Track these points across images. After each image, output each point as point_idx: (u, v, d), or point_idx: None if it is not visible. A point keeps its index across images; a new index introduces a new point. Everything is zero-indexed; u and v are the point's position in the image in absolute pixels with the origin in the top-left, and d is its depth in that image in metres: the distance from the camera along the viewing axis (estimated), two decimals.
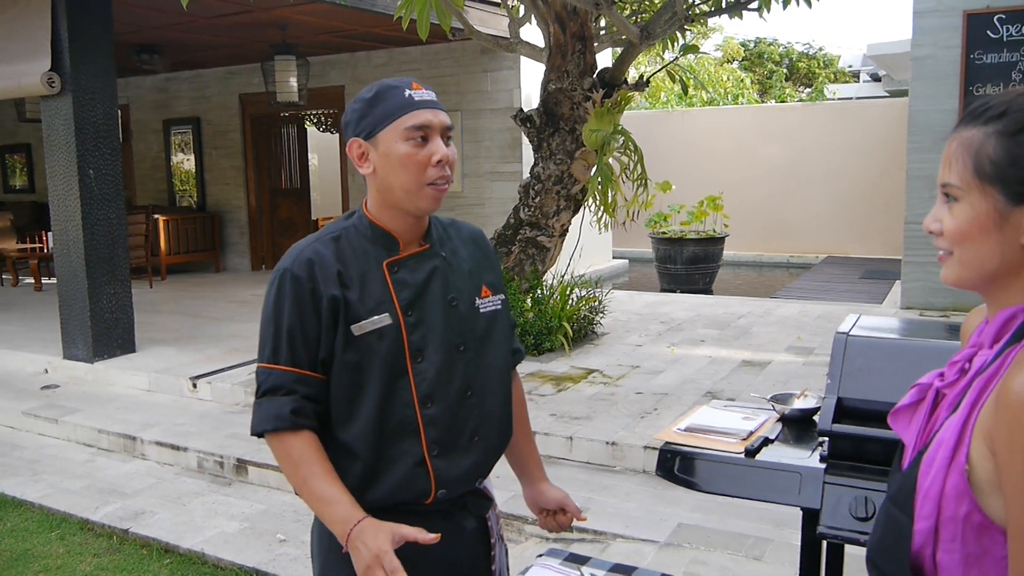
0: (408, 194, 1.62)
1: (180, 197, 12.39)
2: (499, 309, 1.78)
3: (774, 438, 2.21)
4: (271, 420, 1.60)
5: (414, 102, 1.61)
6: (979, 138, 1.09)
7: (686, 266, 11.32)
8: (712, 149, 14.10)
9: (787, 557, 3.50)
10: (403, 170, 1.61)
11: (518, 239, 6.68)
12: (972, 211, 1.09)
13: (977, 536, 1.06)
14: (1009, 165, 1.06)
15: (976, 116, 1.11)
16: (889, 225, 12.16)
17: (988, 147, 1.08)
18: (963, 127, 1.12)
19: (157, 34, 9.13)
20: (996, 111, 1.09)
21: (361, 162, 1.66)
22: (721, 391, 5.41)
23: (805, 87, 26.98)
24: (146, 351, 6.95)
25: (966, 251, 1.12)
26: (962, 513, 1.07)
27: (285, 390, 1.61)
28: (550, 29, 6.29)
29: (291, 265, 1.64)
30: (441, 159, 1.61)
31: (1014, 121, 1.07)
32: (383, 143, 1.61)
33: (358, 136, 1.64)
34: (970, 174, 1.09)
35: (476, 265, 1.78)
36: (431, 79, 9.89)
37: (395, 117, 1.60)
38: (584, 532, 3.86)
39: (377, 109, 1.62)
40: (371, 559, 1.49)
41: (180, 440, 5.13)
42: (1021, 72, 7.23)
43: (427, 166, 1.61)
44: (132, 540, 4.06)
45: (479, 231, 1.88)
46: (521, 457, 1.96)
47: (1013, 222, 1.07)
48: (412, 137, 1.60)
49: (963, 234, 1.11)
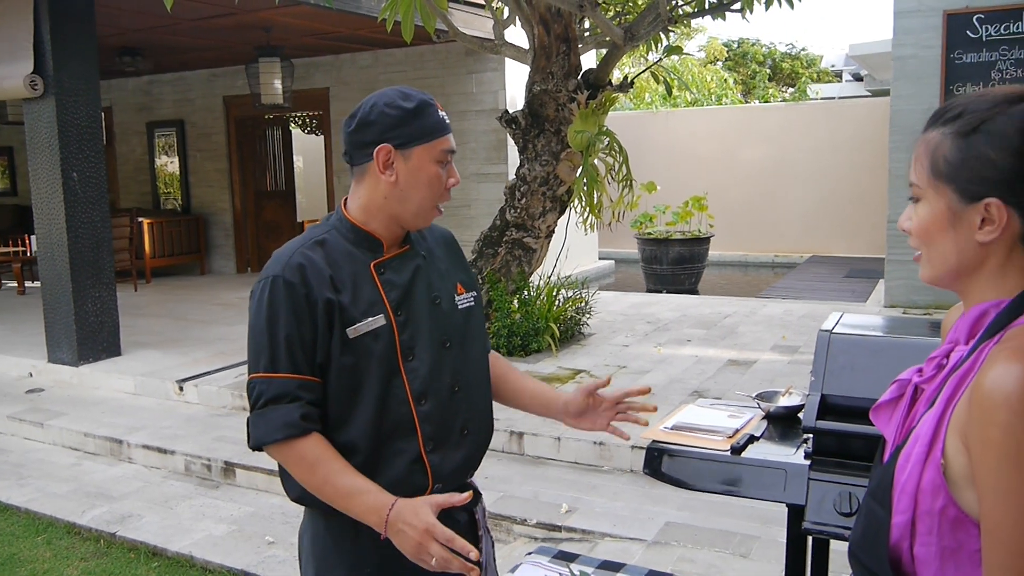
0: (421, 210, 1.68)
1: (164, 200, 12.34)
2: (473, 306, 1.83)
3: (759, 435, 2.24)
4: (281, 429, 1.58)
5: (446, 125, 1.68)
6: (937, 139, 1.13)
7: (672, 266, 11.36)
8: (696, 149, 14.15)
9: (773, 554, 3.53)
10: (428, 189, 1.66)
11: (504, 240, 6.69)
12: (930, 210, 1.14)
13: (952, 530, 1.08)
14: (961, 164, 1.10)
15: (938, 118, 1.15)
16: (873, 224, 12.24)
17: (944, 147, 1.12)
18: (928, 129, 1.16)
19: (140, 36, 9.10)
20: (954, 112, 1.13)
21: (385, 169, 1.65)
22: (707, 390, 5.44)
23: (788, 87, 27.12)
24: (132, 354, 6.93)
25: (930, 249, 1.16)
26: (938, 507, 1.09)
27: (290, 397, 1.60)
28: (534, 31, 6.31)
29: (282, 271, 1.63)
30: (455, 184, 1.69)
31: (967, 122, 1.10)
32: (417, 158, 1.64)
33: (389, 143, 1.64)
34: (928, 174, 1.14)
35: (450, 264, 1.83)
36: (416, 81, 9.89)
37: (434, 137, 1.65)
38: (572, 531, 3.88)
39: (417, 122, 1.64)
40: (420, 535, 1.49)
41: (167, 443, 5.11)
42: (1000, 71, 7.31)
43: (446, 189, 1.68)
44: (119, 544, 4.05)
45: (449, 232, 1.93)
46: (535, 395, 1.96)
47: (966, 220, 1.11)
48: (443, 160, 1.66)
49: (925, 232, 1.15)
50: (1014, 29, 7.25)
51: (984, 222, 1.09)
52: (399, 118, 1.63)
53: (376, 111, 1.64)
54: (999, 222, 1.08)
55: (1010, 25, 7.25)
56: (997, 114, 1.09)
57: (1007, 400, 0.99)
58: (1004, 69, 7.31)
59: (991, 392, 1.01)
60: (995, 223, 1.08)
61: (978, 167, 1.08)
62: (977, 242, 1.10)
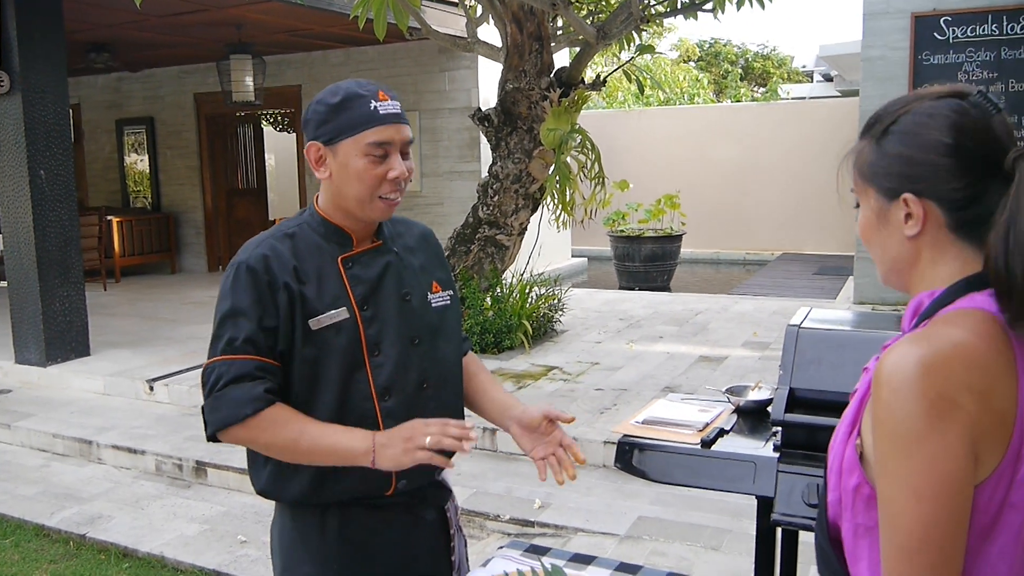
0: (360, 204, 1.64)
1: (134, 198, 12.21)
2: (449, 304, 1.81)
3: (729, 429, 2.26)
4: (250, 403, 1.56)
5: (379, 116, 1.60)
6: (860, 146, 1.21)
7: (644, 264, 11.42)
8: (669, 148, 14.23)
9: (744, 547, 3.57)
10: (358, 183, 1.62)
11: (477, 238, 6.70)
12: (865, 212, 1.21)
13: (866, 507, 1.11)
14: (877, 165, 1.17)
15: (866, 128, 1.22)
16: (842, 222, 12.38)
17: (865, 152, 1.19)
18: (859, 139, 1.23)
19: (109, 32, 8.99)
20: (874, 119, 1.20)
21: (318, 166, 1.66)
22: (679, 386, 5.48)
23: (760, 87, 27.32)
24: (101, 354, 6.86)
25: (873, 252, 1.22)
26: (852, 484, 1.12)
27: (251, 377, 1.59)
28: (507, 29, 6.32)
29: (247, 259, 1.64)
30: (397, 176, 1.62)
31: (882, 125, 1.18)
32: (342, 153, 1.62)
33: (317, 140, 1.64)
34: (857, 179, 1.21)
35: (427, 262, 1.81)
36: (388, 79, 9.87)
37: (358, 130, 1.60)
38: (545, 527, 3.90)
39: (341, 117, 1.61)
40: (409, 430, 1.52)
41: (137, 443, 5.07)
42: (966, 73, 7.42)
43: (382, 181, 1.62)
44: (89, 545, 4.02)
45: (428, 230, 1.91)
46: (496, 402, 1.88)
47: (891, 218, 1.16)
48: (372, 153, 1.60)
49: (864, 235, 1.22)
50: (980, 31, 7.36)
51: (907, 217, 1.14)
52: (324, 114, 1.63)
53: (311, 109, 1.66)
54: (917, 215, 1.13)
55: (976, 27, 7.37)
56: (903, 114, 1.16)
57: (888, 379, 1.03)
58: (970, 71, 7.42)
59: (879, 372, 1.06)
60: (915, 216, 1.13)
61: (890, 165, 1.15)
62: (906, 237, 1.15)
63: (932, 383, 1.01)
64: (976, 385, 1.02)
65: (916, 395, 1.01)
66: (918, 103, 1.15)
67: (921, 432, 1.01)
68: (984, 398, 1.02)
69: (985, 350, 1.05)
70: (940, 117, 1.13)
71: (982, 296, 1.11)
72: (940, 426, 1.01)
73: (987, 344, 1.05)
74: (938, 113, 1.13)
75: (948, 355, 1.03)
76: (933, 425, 1.01)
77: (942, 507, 1.01)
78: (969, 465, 1.02)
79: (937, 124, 1.13)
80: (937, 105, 1.14)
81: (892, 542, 1.04)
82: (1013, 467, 1.05)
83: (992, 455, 1.04)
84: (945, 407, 1.01)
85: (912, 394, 1.02)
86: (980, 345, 1.05)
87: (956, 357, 1.03)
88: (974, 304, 1.10)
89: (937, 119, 1.13)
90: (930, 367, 1.02)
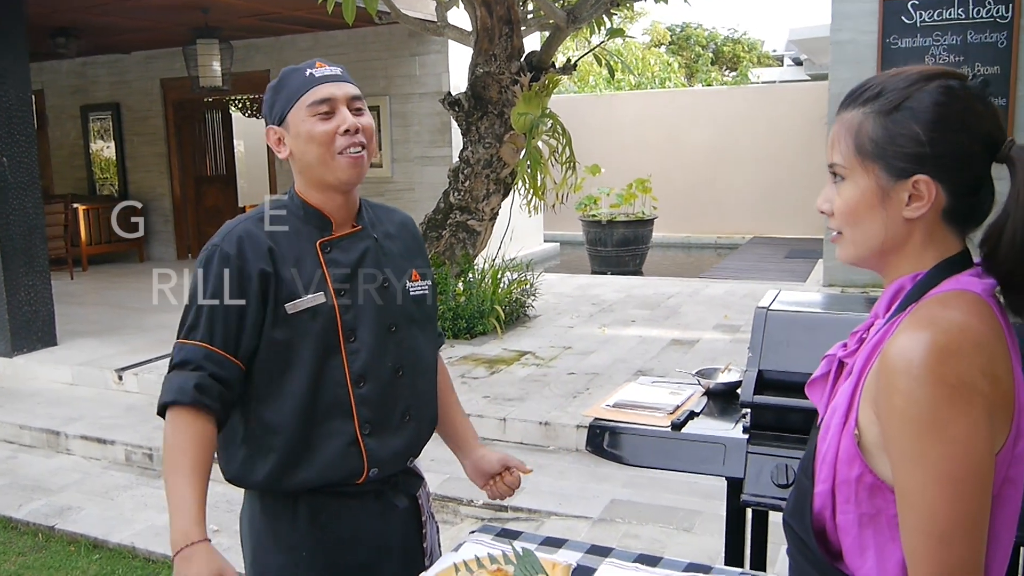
0: (325, 166, 1.63)
1: (101, 185, 12.03)
2: (427, 293, 1.80)
3: (699, 411, 2.28)
4: (173, 392, 1.56)
5: (315, 79, 1.63)
6: (858, 118, 1.14)
7: (616, 248, 11.45)
8: (640, 132, 14.25)
9: (716, 528, 3.60)
10: (314, 145, 1.62)
11: (448, 223, 6.68)
12: (857, 189, 1.14)
13: (870, 496, 1.11)
14: (887, 142, 1.11)
15: (855, 98, 1.16)
16: (812, 206, 12.13)
17: (867, 126, 1.13)
18: (844, 109, 1.17)
19: (73, 16, 8.82)
20: (873, 92, 1.14)
21: (279, 147, 1.67)
22: (651, 369, 5.51)
23: (730, 71, 27.43)
24: (68, 344, 6.77)
25: (856, 229, 1.16)
26: (854, 475, 1.12)
27: (193, 365, 1.58)
28: (477, 13, 6.28)
29: (221, 242, 1.64)
30: (348, 128, 1.62)
31: (889, 100, 1.12)
32: (292, 124, 1.63)
33: (272, 123, 1.67)
34: (852, 153, 1.14)
35: (406, 249, 1.80)
36: (358, 63, 9.78)
37: (298, 97, 1.62)
38: (519, 511, 3.91)
39: (282, 94, 1.64)
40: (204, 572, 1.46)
41: (106, 433, 5.01)
42: (934, 56, 7.49)
43: (335, 136, 1.62)
44: (58, 537, 3.97)
45: (408, 217, 1.90)
46: (456, 429, 1.97)
47: (894, 197, 1.12)
48: (317, 112, 1.61)
49: (851, 212, 1.15)
50: (947, 15, 7.43)
51: (912, 198, 1.11)
52: (270, 100, 1.67)
53: (264, 99, 1.70)
54: (927, 198, 1.10)
55: (943, 11, 7.43)
56: (917, 91, 1.11)
57: (908, 367, 1.02)
58: (937, 54, 7.49)
59: (894, 360, 1.04)
60: (923, 199, 1.10)
61: (904, 144, 1.10)
62: (904, 219, 1.12)
63: (952, 368, 1.01)
64: (987, 368, 1.03)
65: (937, 381, 1.00)
66: (926, 82, 1.11)
67: (948, 418, 1.00)
68: (995, 380, 1.03)
69: (987, 332, 1.05)
70: (960, 97, 1.10)
71: (966, 277, 1.11)
72: (966, 410, 1.00)
73: (987, 326, 1.06)
74: (957, 93, 1.10)
75: (959, 339, 1.03)
76: (960, 410, 1.00)
77: (977, 490, 1.02)
78: (992, 447, 1.03)
79: (959, 105, 1.09)
80: (951, 85, 1.10)
81: (924, 531, 1.03)
82: (1014, 443, 1.06)
83: (1001, 434, 1.05)
84: (967, 391, 1.01)
85: (933, 380, 1.01)
86: (983, 328, 1.05)
87: (967, 341, 1.03)
88: (961, 285, 1.10)
89: (958, 99, 1.10)
90: (946, 352, 1.01)
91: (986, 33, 7.34)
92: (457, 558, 1.60)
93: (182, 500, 1.52)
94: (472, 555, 1.59)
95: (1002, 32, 7.30)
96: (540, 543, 1.67)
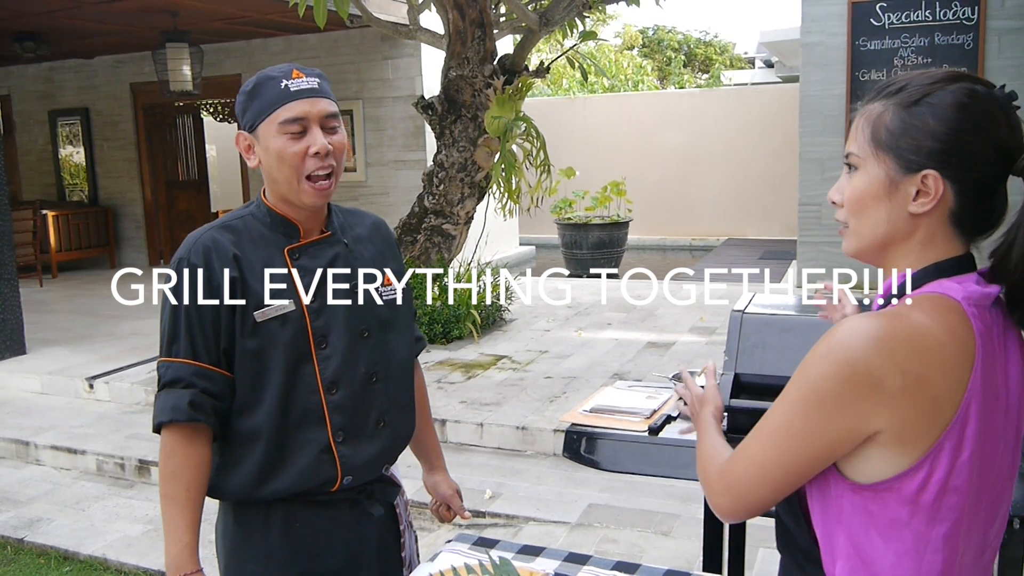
0: (290, 187, 1.61)
1: (70, 191, 11.87)
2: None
3: (676, 415, 2.27)
4: (167, 412, 1.57)
5: (290, 93, 1.58)
6: (879, 109, 1.14)
7: (592, 251, 11.47)
8: (614, 135, 14.29)
9: (694, 531, 3.59)
10: (281, 163, 1.59)
11: (423, 227, 6.65)
12: (867, 178, 1.14)
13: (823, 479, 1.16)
14: (902, 134, 1.11)
15: (880, 91, 1.17)
16: (785, 207, 12.56)
17: (886, 117, 1.13)
18: (869, 102, 1.17)
19: (39, 20, 8.70)
20: (897, 86, 1.15)
21: (248, 154, 1.65)
22: (628, 372, 5.51)
23: (703, 73, 27.59)
24: (38, 352, 6.67)
25: (860, 220, 1.17)
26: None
27: (184, 383, 1.57)
28: (449, 16, 6.26)
29: (188, 254, 1.61)
30: (319, 151, 1.58)
31: (911, 94, 1.12)
32: (263, 137, 1.60)
33: (243, 129, 1.64)
34: (867, 142, 1.14)
35: (378, 252, 1.78)
36: (330, 67, 9.73)
37: (271, 111, 1.58)
38: (497, 517, 3.89)
39: (256, 102, 1.60)
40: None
41: (77, 443, 4.94)
42: (902, 58, 7.56)
43: (304, 157, 1.59)
44: (28, 549, 3.90)
45: (381, 220, 1.88)
46: (421, 444, 2.01)
47: (902, 190, 1.12)
48: (288, 131, 1.57)
49: (859, 201, 1.16)
50: (915, 17, 7.51)
51: (919, 194, 1.11)
52: (243, 104, 1.63)
53: (236, 101, 1.66)
54: (935, 194, 1.10)
55: (911, 13, 7.51)
56: (938, 89, 1.11)
57: (829, 339, 1.08)
58: (906, 56, 7.57)
59: (831, 332, 1.09)
60: (931, 195, 1.10)
61: (918, 137, 1.10)
62: (909, 213, 1.12)
63: (863, 355, 1.04)
64: (913, 370, 1.03)
65: (842, 360, 1.05)
66: (950, 83, 1.11)
67: (822, 390, 1.07)
68: (918, 383, 1.04)
69: (942, 338, 1.05)
70: (982, 101, 1.10)
71: (949, 282, 1.12)
72: (850, 395, 1.05)
73: (947, 334, 1.06)
74: (980, 97, 1.10)
75: (897, 335, 1.04)
76: (845, 391, 1.05)
77: (791, 456, 1.12)
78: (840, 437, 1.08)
79: (979, 108, 1.10)
80: (976, 89, 1.11)
81: (749, 452, 1.17)
82: (955, 452, 1.06)
83: (921, 438, 1.05)
84: (864, 383, 1.04)
85: (839, 358, 1.05)
86: (939, 334, 1.05)
87: (904, 339, 1.04)
88: (941, 290, 1.10)
89: (980, 102, 1.10)
90: (874, 342, 1.04)
91: (953, 35, 7.43)
92: (433, 568, 1.59)
93: (175, 528, 1.57)
94: (449, 565, 1.58)
95: (968, 34, 7.39)
96: (517, 551, 1.66)
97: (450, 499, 2.00)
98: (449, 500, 2.00)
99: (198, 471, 1.58)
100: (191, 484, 1.57)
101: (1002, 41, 7.34)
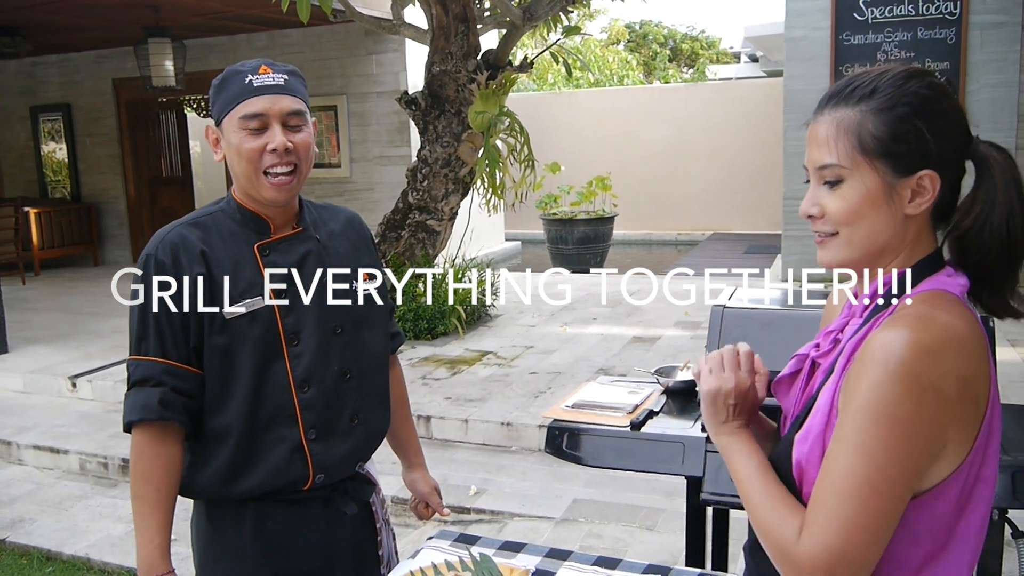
0: (250, 183, 1.60)
1: (53, 188, 11.78)
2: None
3: (658, 410, 2.27)
4: (138, 411, 1.56)
5: (252, 88, 1.56)
6: (856, 117, 1.12)
7: (577, 246, 11.47)
8: (599, 130, 14.29)
9: (678, 525, 3.61)
10: (240, 159, 1.58)
11: (407, 223, 6.63)
12: (863, 187, 1.12)
13: None
14: (892, 139, 1.10)
15: (844, 97, 1.14)
16: (769, 201, 12.58)
17: (868, 125, 1.11)
18: (832, 108, 1.14)
19: (19, 15, 8.62)
20: (865, 90, 1.12)
21: (216, 148, 1.64)
22: (613, 367, 5.52)
23: (688, 68, 27.61)
24: (20, 351, 6.62)
25: (855, 230, 1.14)
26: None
27: (154, 381, 1.56)
28: (433, 11, 6.24)
29: (155, 251, 1.59)
30: (276, 148, 1.56)
31: (887, 98, 1.11)
32: (226, 131, 1.60)
33: (212, 123, 1.63)
34: (856, 152, 1.12)
35: (353, 249, 1.76)
36: (314, 62, 9.69)
37: (233, 105, 1.57)
38: (482, 513, 3.89)
39: (221, 96, 1.60)
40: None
41: (60, 442, 4.91)
42: (885, 53, 7.60)
43: (262, 154, 1.57)
44: (10, 550, 3.87)
45: (355, 215, 1.86)
46: (400, 441, 2.01)
47: (900, 192, 1.12)
48: (247, 127, 1.56)
49: (855, 212, 1.13)
50: (898, 12, 7.54)
51: (914, 194, 1.11)
52: (212, 96, 1.62)
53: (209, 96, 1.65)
54: (932, 193, 1.10)
55: (894, 8, 7.55)
56: (911, 87, 1.11)
57: (886, 360, 1.02)
58: (889, 50, 7.60)
59: (874, 350, 1.05)
60: (927, 194, 1.10)
61: (910, 140, 1.10)
62: (904, 216, 1.12)
63: (927, 369, 1.01)
64: (962, 372, 1.03)
65: (910, 379, 1.01)
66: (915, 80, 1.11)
67: (907, 413, 1.01)
68: (966, 384, 1.04)
69: (971, 336, 1.06)
70: (946, 92, 1.11)
71: (942, 277, 1.13)
72: (925, 411, 1.02)
73: (972, 330, 1.07)
74: (944, 89, 1.11)
75: (943, 341, 1.03)
76: (920, 408, 1.01)
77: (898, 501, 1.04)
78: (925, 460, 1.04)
79: (949, 100, 1.11)
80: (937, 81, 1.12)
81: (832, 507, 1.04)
82: (985, 444, 1.08)
83: (967, 435, 1.06)
84: (934, 394, 1.01)
85: (906, 377, 1.01)
86: (968, 332, 1.06)
87: (950, 343, 1.04)
88: (940, 286, 1.11)
89: (946, 94, 1.11)
90: (927, 352, 1.02)
91: (935, 29, 7.47)
92: (414, 565, 1.58)
93: (147, 530, 1.56)
94: (429, 562, 1.57)
95: (951, 28, 7.43)
96: (498, 548, 1.65)
97: (428, 496, 2.00)
98: (427, 497, 2.00)
99: (169, 470, 1.57)
100: (162, 484, 1.56)
101: (984, 36, 7.39)
